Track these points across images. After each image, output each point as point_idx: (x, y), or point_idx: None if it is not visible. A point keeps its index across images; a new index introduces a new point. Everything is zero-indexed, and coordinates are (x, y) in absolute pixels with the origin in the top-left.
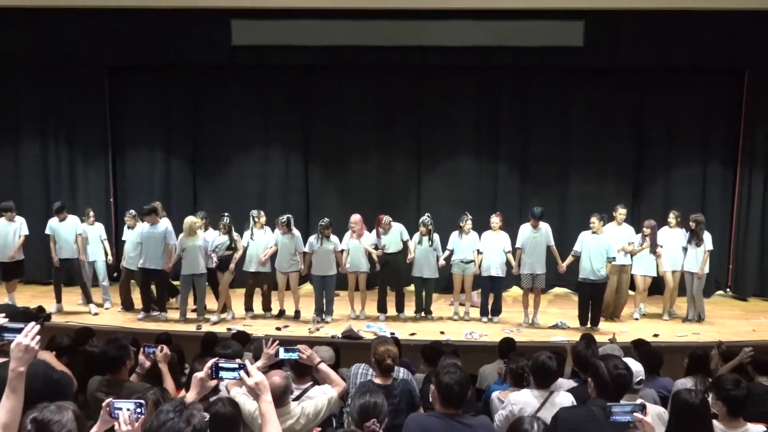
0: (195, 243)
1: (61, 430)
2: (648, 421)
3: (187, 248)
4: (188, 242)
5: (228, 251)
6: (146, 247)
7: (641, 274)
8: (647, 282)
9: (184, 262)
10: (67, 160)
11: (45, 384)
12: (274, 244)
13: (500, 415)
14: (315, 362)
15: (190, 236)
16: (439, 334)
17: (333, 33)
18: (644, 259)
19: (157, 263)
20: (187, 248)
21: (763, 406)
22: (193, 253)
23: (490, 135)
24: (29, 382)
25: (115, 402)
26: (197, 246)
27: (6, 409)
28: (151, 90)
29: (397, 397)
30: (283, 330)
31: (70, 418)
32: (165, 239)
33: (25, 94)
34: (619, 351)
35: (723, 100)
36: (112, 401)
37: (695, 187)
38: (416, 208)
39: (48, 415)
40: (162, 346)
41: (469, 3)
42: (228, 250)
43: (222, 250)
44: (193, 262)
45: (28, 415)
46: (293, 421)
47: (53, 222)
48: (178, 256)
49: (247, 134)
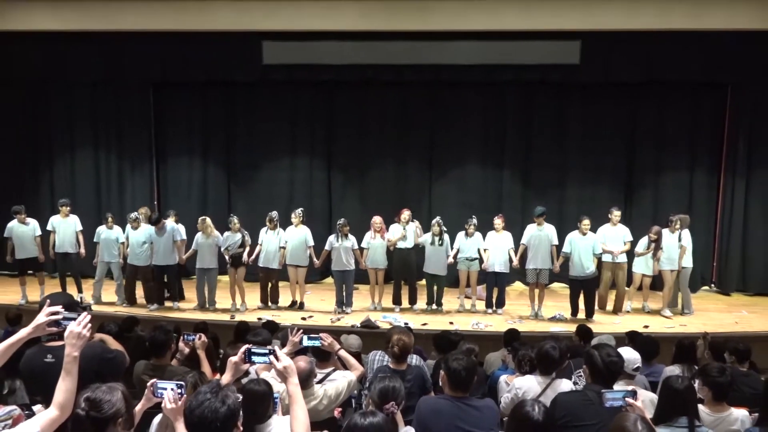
0: (208, 241)
1: (111, 409)
2: (638, 405)
3: (201, 245)
4: (203, 240)
5: (240, 249)
6: (157, 247)
7: (641, 272)
8: (646, 281)
9: (199, 258)
10: (116, 167)
11: (100, 364)
12: (284, 243)
13: (506, 398)
14: (335, 349)
15: (204, 235)
16: (448, 324)
17: (354, 53)
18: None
19: (168, 259)
20: (201, 245)
21: (741, 390)
22: (206, 250)
23: (496, 144)
24: (86, 363)
25: (159, 382)
26: (210, 243)
27: (62, 389)
28: (190, 104)
29: (410, 382)
30: (307, 320)
31: (119, 397)
32: (173, 237)
33: (79, 108)
34: (612, 341)
35: (707, 113)
36: (156, 381)
37: (682, 192)
38: (428, 211)
39: (99, 394)
40: (200, 334)
41: (477, 25)
42: (240, 247)
43: (234, 248)
44: (205, 257)
45: (81, 394)
46: (316, 402)
47: (55, 219)
48: (194, 251)
49: (276, 144)
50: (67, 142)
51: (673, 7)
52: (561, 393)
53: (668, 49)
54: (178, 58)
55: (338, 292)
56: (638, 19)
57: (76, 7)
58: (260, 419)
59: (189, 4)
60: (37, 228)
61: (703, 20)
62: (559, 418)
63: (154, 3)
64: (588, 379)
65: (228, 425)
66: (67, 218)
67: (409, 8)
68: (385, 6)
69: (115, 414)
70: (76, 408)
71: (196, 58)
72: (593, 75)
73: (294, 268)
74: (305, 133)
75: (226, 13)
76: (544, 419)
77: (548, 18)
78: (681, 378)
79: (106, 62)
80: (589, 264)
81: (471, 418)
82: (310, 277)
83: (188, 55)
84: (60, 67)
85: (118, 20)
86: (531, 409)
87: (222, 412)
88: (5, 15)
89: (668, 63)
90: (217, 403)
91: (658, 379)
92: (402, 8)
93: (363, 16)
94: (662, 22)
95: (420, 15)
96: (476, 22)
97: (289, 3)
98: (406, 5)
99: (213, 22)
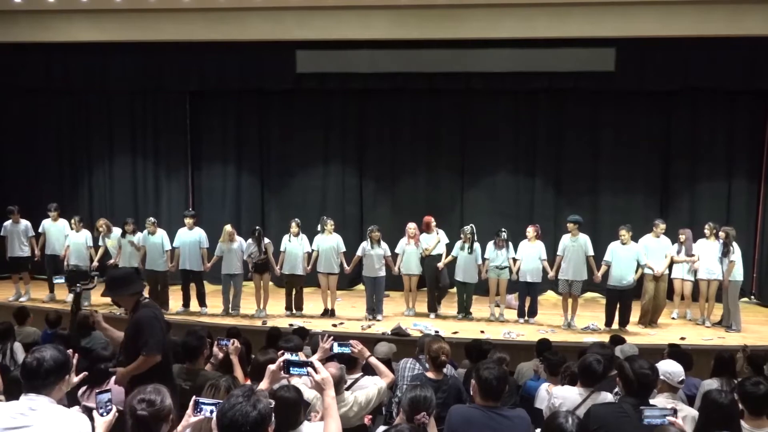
0: (232, 247)
1: (165, 407)
2: (680, 423)
3: (225, 252)
4: (226, 247)
5: (263, 257)
6: (184, 252)
7: (681, 278)
8: (686, 287)
9: (224, 264)
10: (153, 174)
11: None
12: (315, 249)
13: (546, 408)
14: (365, 356)
15: (227, 242)
16: (480, 333)
17: (385, 61)
18: (682, 264)
19: (195, 264)
20: (225, 252)
21: None
22: (230, 256)
23: (527, 152)
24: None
25: (200, 400)
26: (233, 249)
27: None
28: (226, 112)
29: (446, 392)
30: (338, 326)
31: (168, 396)
32: (200, 244)
33: (118, 117)
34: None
35: (746, 120)
36: (197, 399)
37: (720, 201)
38: (459, 219)
39: (151, 395)
40: (233, 339)
41: (509, 33)
42: (263, 255)
43: (257, 256)
44: (230, 263)
45: (133, 396)
46: (347, 409)
47: (47, 222)
48: (218, 257)
49: (309, 151)
50: (106, 149)
51: (710, 13)
52: (595, 405)
53: (705, 56)
54: (214, 68)
55: (368, 298)
56: (674, 26)
57: (115, 18)
58: (292, 426)
59: (225, 15)
60: (29, 229)
61: (741, 26)
62: (593, 429)
63: (191, 14)
64: (621, 391)
65: (258, 430)
66: (56, 222)
67: (440, 16)
68: (417, 14)
69: (170, 410)
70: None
71: (231, 68)
72: (628, 82)
73: (325, 276)
74: (337, 140)
75: (261, 24)
76: (577, 431)
77: (582, 25)
78: (724, 392)
79: (144, 72)
80: (627, 274)
81: (502, 427)
82: (339, 284)
83: (224, 65)
84: (100, 76)
85: (156, 31)
86: (564, 420)
87: (252, 417)
88: (48, 26)
89: (705, 70)
90: (248, 407)
91: (691, 392)
92: (434, 16)
93: (395, 25)
94: (699, 29)
95: (452, 23)
96: (508, 30)
97: (322, 12)
98: (438, 13)
99: (248, 32)
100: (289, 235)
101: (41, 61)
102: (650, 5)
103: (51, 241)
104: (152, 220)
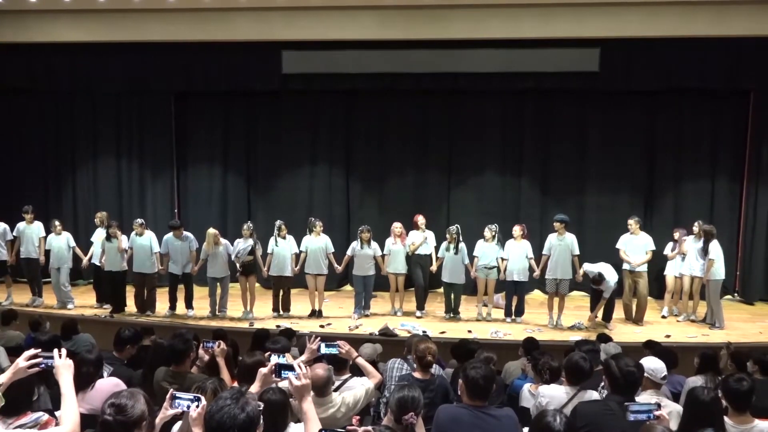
0: (217, 250)
1: (136, 413)
2: (665, 417)
3: (211, 255)
4: (211, 251)
5: (249, 257)
6: (175, 255)
7: (674, 275)
8: (679, 283)
9: (209, 267)
10: (138, 175)
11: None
12: (303, 250)
13: (533, 407)
14: (353, 356)
15: (212, 245)
16: (467, 332)
17: (373, 61)
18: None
19: (187, 267)
20: (211, 255)
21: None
22: (215, 260)
23: (514, 152)
24: None
25: (176, 394)
26: (219, 253)
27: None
28: (211, 113)
29: (434, 392)
30: (325, 327)
31: (142, 402)
32: (190, 247)
33: (103, 118)
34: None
35: (729, 119)
36: (174, 393)
37: (704, 200)
38: (446, 219)
39: (123, 400)
40: (219, 341)
41: (495, 33)
42: (250, 254)
43: (244, 254)
44: (216, 267)
45: (106, 401)
46: (335, 410)
47: (21, 225)
48: (204, 261)
49: (296, 152)
50: (90, 151)
51: (694, 14)
52: (581, 402)
53: (689, 56)
54: (200, 69)
55: (357, 295)
56: (658, 26)
57: (99, 18)
58: (279, 428)
59: (210, 15)
60: (7, 232)
61: (724, 26)
62: (580, 427)
63: (176, 14)
64: (608, 389)
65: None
66: (32, 224)
67: (427, 17)
68: (404, 15)
69: (140, 417)
70: (102, 414)
71: (216, 68)
72: (613, 82)
73: (313, 277)
74: (324, 141)
75: (246, 24)
76: (566, 430)
77: (567, 25)
78: (707, 389)
79: (129, 73)
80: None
81: (490, 426)
82: (327, 285)
83: (209, 65)
84: (84, 77)
85: (141, 31)
86: (552, 419)
87: (240, 419)
88: (31, 27)
89: (689, 70)
90: (236, 410)
91: (676, 389)
92: (421, 17)
93: (382, 25)
94: (683, 29)
95: (439, 23)
96: (495, 30)
97: (309, 12)
98: (425, 14)
99: (233, 32)
100: (276, 237)
101: (24, 62)
102: (634, 6)
103: (26, 243)
104: (140, 222)
